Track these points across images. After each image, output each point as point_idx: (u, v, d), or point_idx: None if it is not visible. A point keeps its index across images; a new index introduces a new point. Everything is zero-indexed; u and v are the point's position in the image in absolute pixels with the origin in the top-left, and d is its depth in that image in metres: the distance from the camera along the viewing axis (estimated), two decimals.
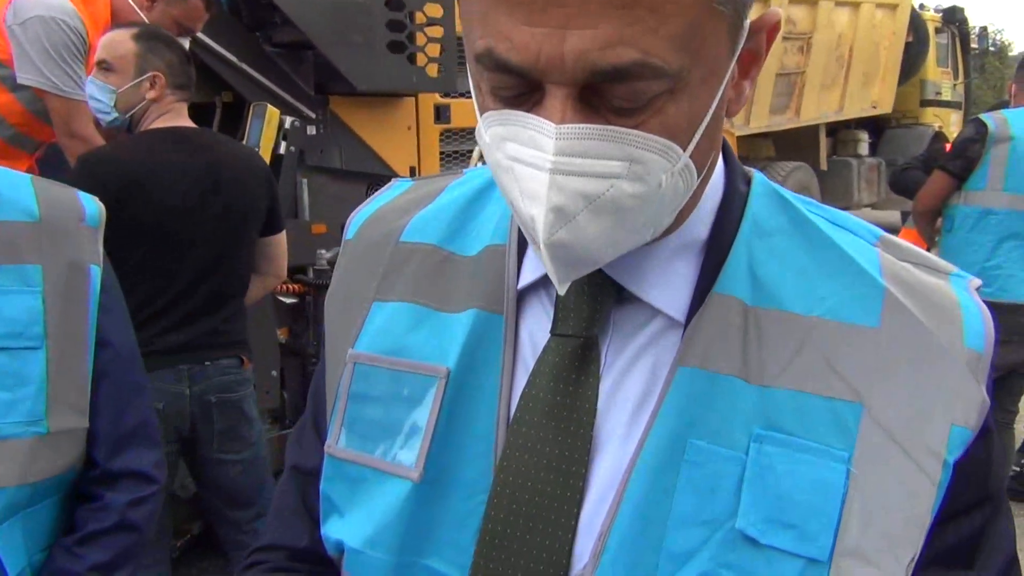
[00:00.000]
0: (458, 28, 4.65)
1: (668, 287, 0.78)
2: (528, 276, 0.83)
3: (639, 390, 0.77)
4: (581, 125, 0.64)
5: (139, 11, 3.25)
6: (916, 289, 0.77)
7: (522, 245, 0.85)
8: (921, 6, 11.35)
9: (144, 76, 2.64)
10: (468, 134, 4.92)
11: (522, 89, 0.66)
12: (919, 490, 0.71)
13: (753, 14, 0.72)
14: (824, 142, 10.27)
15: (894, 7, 10.16)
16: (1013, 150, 3.96)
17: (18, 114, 3.12)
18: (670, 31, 0.62)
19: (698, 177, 0.72)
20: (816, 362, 0.73)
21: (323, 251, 3.87)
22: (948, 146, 4.77)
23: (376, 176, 4.33)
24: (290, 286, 3.60)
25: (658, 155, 0.66)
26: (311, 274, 3.84)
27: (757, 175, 0.84)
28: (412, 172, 4.41)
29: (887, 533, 0.70)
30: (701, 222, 0.80)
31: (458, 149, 4.97)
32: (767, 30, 0.74)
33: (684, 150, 0.68)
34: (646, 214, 0.68)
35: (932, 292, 0.77)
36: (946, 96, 11.14)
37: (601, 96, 0.64)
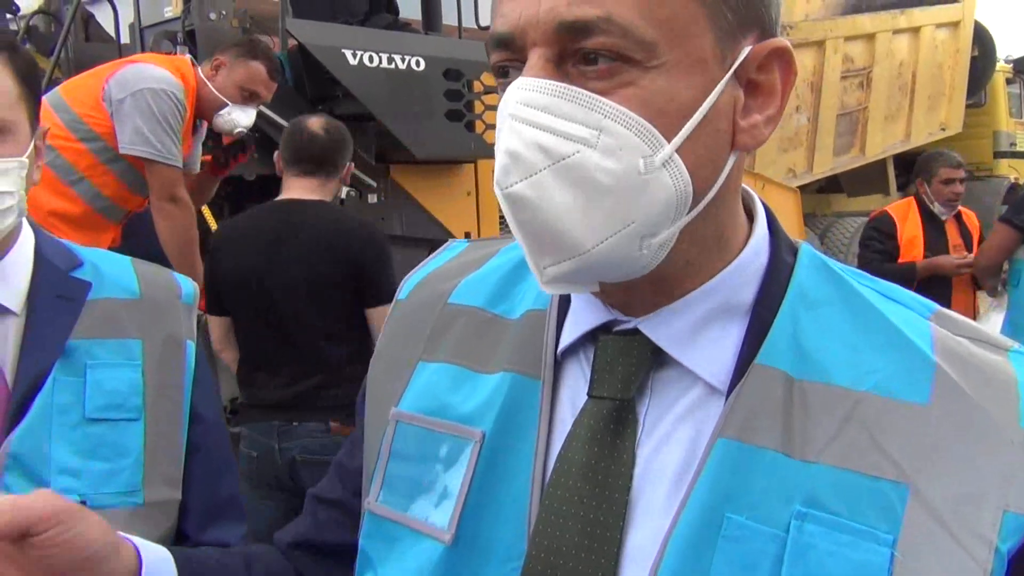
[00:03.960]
0: None
1: (708, 352, 0.76)
2: (567, 338, 0.82)
3: (679, 461, 0.75)
4: (547, 80, 0.68)
5: (207, 81, 3.41)
6: (971, 365, 0.74)
7: (562, 309, 0.84)
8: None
9: None
10: None
11: (515, 64, 0.72)
12: None
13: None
14: (892, 174, 10.03)
15: (955, 24, 9.85)
16: None
17: (112, 186, 3.28)
18: None
19: (696, 193, 0.71)
20: (861, 439, 0.70)
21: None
22: None
23: (436, 242, 4.36)
24: None
25: (633, 133, 0.68)
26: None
27: (804, 246, 0.83)
28: (467, 237, 4.49)
29: None
30: (745, 285, 0.78)
31: None
32: (779, 65, 0.75)
33: (668, 140, 0.69)
34: (628, 202, 0.69)
35: (988, 368, 0.74)
36: (1021, 147, 10.80)
37: (579, 66, 0.69)
